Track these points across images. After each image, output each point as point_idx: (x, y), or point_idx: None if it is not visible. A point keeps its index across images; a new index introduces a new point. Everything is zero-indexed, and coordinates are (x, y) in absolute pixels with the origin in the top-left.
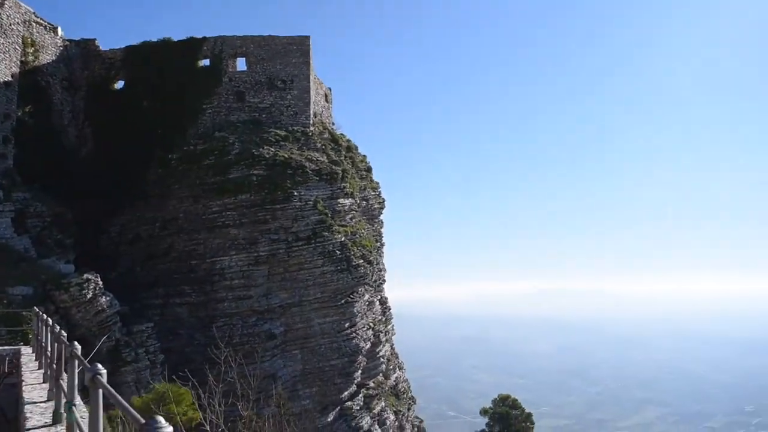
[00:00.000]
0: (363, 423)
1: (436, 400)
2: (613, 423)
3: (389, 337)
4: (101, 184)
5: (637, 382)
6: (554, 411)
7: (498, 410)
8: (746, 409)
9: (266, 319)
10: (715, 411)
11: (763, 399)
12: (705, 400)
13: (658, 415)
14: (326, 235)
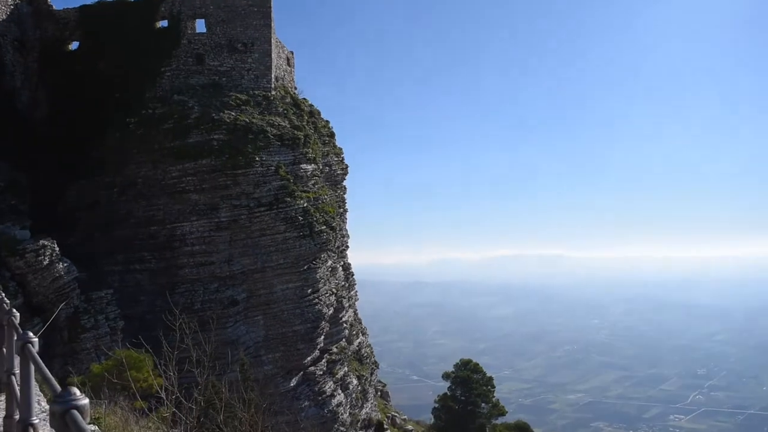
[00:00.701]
0: (326, 388)
1: (400, 364)
2: (571, 386)
3: (352, 302)
4: (57, 148)
5: (594, 346)
6: (515, 374)
7: (460, 374)
8: (699, 372)
9: (228, 285)
10: (669, 374)
11: (714, 362)
12: (660, 364)
13: (615, 379)
14: (288, 200)
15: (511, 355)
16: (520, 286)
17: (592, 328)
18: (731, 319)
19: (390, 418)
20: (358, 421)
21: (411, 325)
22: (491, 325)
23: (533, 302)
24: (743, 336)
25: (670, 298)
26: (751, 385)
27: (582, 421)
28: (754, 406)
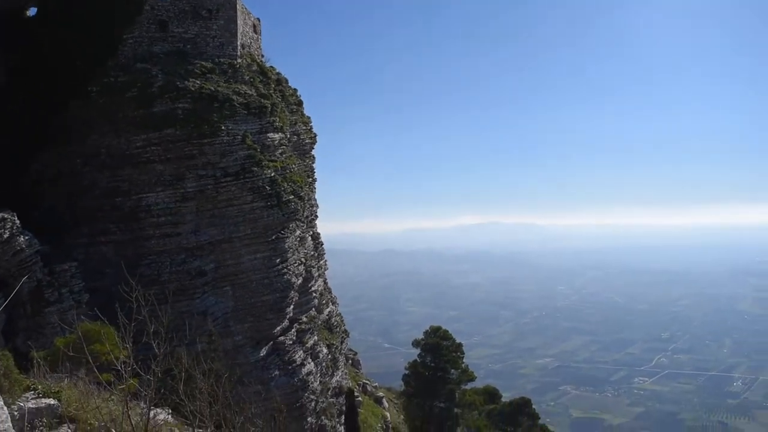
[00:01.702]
0: (296, 357)
1: (371, 332)
2: (540, 351)
3: (322, 272)
4: (17, 120)
5: (562, 312)
6: (484, 341)
7: (429, 341)
8: (662, 336)
9: (196, 256)
10: (634, 338)
11: (677, 326)
12: (625, 329)
13: (582, 343)
14: (255, 170)
15: (480, 321)
16: (490, 254)
17: (560, 294)
18: (694, 284)
19: (361, 385)
20: (329, 390)
21: (382, 294)
22: (461, 293)
23: (503, 270)
24: (705, 301)
25: (636, 265)
26: (713, 348)
27: (550, 385)
28: (715, 368)
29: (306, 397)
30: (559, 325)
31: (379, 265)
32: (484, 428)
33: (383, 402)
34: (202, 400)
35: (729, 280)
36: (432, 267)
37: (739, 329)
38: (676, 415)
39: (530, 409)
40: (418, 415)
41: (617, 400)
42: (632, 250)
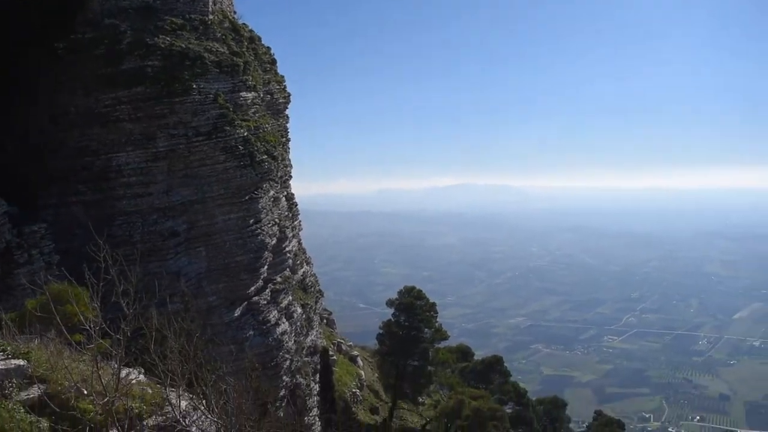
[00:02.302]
0: (270, 317)
1: (346, 293)
2: (512, 311)
3: (296, 232)
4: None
5: (535, 272)
6: (458, 301)
7: (403, 301)
8: (632, 296)
9: (168, 216)
10: (605, 298)
11: (646, 287)
12: (596, 289)
13: (554, 303)
14: (228, 129)
15: (454, 282)
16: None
17: (533, 255)
18: (663, 246)
19: (336, 344)
20: (303, 349)
21: (357, 255)
22: (436, 254)
23: (477, 231)
24: (673, 262)
25: (608, 227)
26: (680, 308)
27: (522, 344)
28: (682, 327)
29: (281, 357)
30: (531, 285)
31: (354, 226)
32: (456, 386)
33: (358, 361)
34: (174, 360)
35: (698, 242)
36: (407, 228)
37: (706, 290)
38: (644, 372)
39: (502, 367)
40: (392, 373)
41: (587, 358)
42: (604, 212)
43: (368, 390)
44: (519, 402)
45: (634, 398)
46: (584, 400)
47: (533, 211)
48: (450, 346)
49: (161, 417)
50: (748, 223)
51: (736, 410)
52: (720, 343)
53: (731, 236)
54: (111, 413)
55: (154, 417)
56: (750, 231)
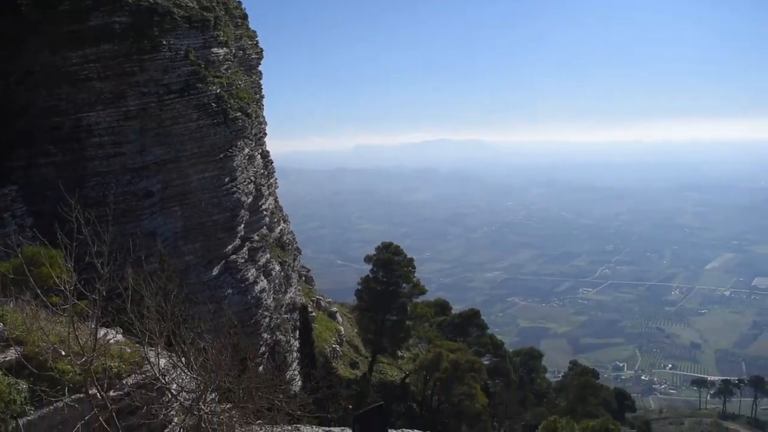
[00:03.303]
0: (248, 275)
1: (324, 250)
2: (489, 265)
3: (272, 190)
4: None
5: (511, 227)
6: (435, 256)
7: (381, 257)
8: (606, 249)
9: (142, 176)
10: (579, 251)
11: (620, 239)
12: (571, 242)
13: (530, 257)
14: (200, 87)
15: (431, 237)
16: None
17: (509, 210)
18: (635, 199)
19: (315, 301)
20: (283, 306)
21: (334, 212)
22: (412, 210)
23: (453, 187)
24: (646, 215)
25: (581, 182)
26: (653, 259)
27: (499, 297)
28: (654, 278)
29: (260, 314)
30: (507, 239)
31: (331, 183)
32: (435, 339)
33: (337, 317)
34: (151, 318)
35: (670, 195)
36: (383, 185)
37: (679, 242)
38: (618, 323)
39: (479, 320)
40: (371, 328)
41: (562, 310)
42: (577, 166)
43: (348, 345)
44: (496, 354)
45: (608, 348)
46: (560, 350)
47: (507, 166)
48: (428, 300)
49: (140, 375)
50: (720, 175)
51: (707, 358)
52: (692, 294)
53: (703, 188)
54: (90, 373)
55: (134, 376)
56: (721, 183)
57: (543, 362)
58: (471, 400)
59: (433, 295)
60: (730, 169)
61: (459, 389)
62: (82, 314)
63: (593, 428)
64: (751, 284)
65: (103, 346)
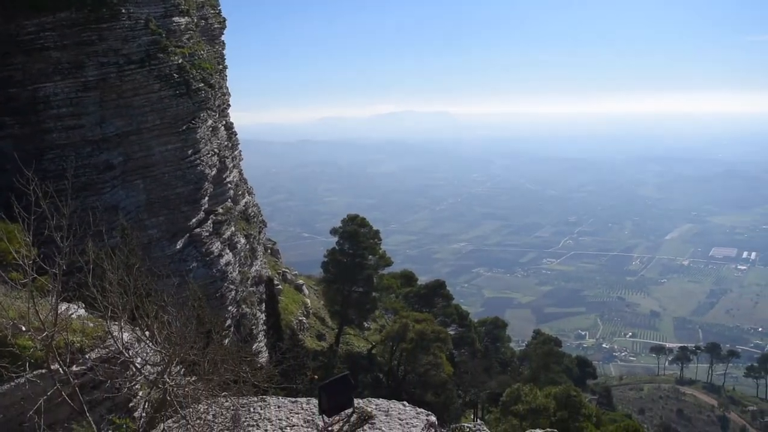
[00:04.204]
0: (213, 248)
1: (291, 223)
2: (454, 236)
3: (236, 162)
4: None
5: (476, 199)
6: (402, 228)
7: (347, 229)
8: (570, 220)
9: (102, 148)
10: (544, 222)
11: (583, 210)
12: (535, 213)
13: (495, 228)
14: (161, 57)
15: (398, 209)
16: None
17: (474, 182)
18: (599, 171)
19: (281, 274)
20: (248, 279)
21: (300, 184)
22: (378, 182)
23: (418, 159)
24: (609, 186)
25: (545, 153)
26: (615, 230)
27: (464, 268)
28: (616, 248)
29: (225, 287)
30: (473, 211)
31: (296, 155)
32: (401, 310)
33: (303, 289)
34: (114, 292)
35: (632, 166)
36: (348, 157)
37: (640, 213)
38: (580, 292)
39: (445, 291)
40: (338, 300)
41: (526, 280)
42: (541, 139)
43: (314, 317)
44: (461, 324)
45: (571, 317)
46: (524, 320)
47: (473, 138)
48: (394, 272)
49: (104, 350)
50: (682, 147)
51: (666, 325)
52: (652, 263)
53: (664, 160)
54: (51, 348)
55: (97, 350)
56: (683, 155)
57: (507, 332)
58: (437, 369)
59: (399, 266)
60: (692, 141)
61: (425, 359)
62: (42, 289)
63: (556, 395)
64: (709, 254)
65: (65, 321)
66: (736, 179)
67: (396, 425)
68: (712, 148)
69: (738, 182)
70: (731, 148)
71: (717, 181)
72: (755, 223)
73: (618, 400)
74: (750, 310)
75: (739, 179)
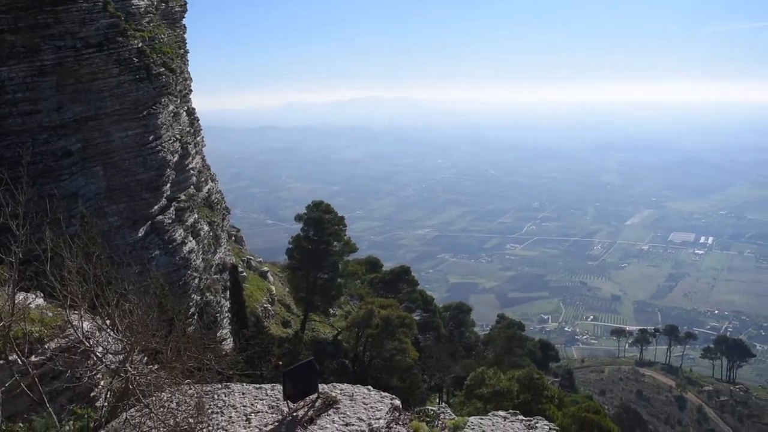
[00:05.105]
0: (176, 236)
1: (254, 209)
2: (419, 222)
3: (199, 149)
4: None
5: (441, 185)
6: (367, 214)
7: (312, 215)
8: (533, 206)
9: (60, 134)
10: (507, 208)
11: (546, 196)
12: (499, 199)
13: (459, 214)
14: (120, 40)
15: (362, 195)
16: (370, 129)
17: (439, 168)
18: (562, 158)
19: (245, 261)
20: (212, 266)
21: (264, 171)
22: (343, 168)
23: (383, 145)
24: (572, 173)
25: (509, 140)
26: (577, 216)
27: (429, 254)
28: (578, 234)
29: (189, 275)
30: (437, 197)
31: (260, 141)
32: (366, 296)
33: (268, 276)
34: (73, 281)
35: (594, 154)
36: (312, 143)
37: (602, 199)
38: (543, 277)
39: (410, 277)
40: (303, 286)
41: (490, 266)
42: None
43: (279, 304)
44: (426, 309)
45: (534, 302)
46: (488, 305)
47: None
48: (359, 258)
49: (63, 339)
50: (643, 134)
51: (626, 309)
52: (613, 248)
53: (626, 148)
54: (9, 338)
55: (56, 340)
56: (644, 143)
57: (471, 316)
58: (402, 354)
59: (364, 253)
60: (654, 129)
61: (390, 344)
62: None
63: (519, 378)
64: (668, 239)
65: (22, 311)
66: (695, 167)
67: (361, 409)
68: (672, 137)
69: (697, 169)
70: (691, 136)
71: (676, 168)
72: (713, 209)
73: (580, 382)
74: (707, 294)
75: (698, 167)
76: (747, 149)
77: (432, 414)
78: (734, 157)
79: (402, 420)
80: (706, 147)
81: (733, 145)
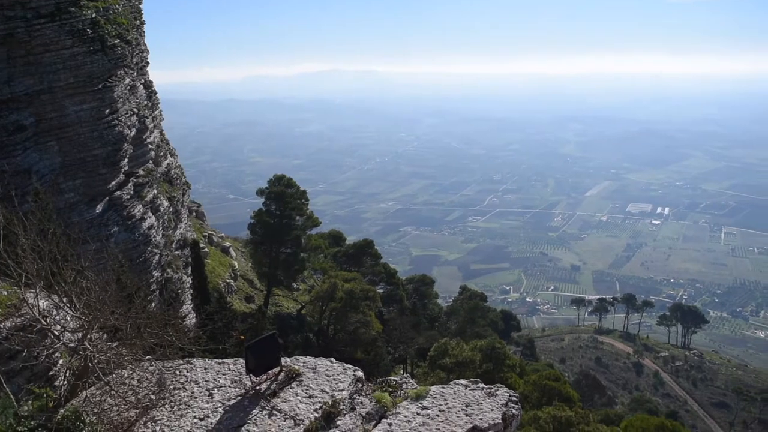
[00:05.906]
0: (135, 212)
1: (216, 184)
2: (382, 195)
3: (157, 123)
4: None
5: (403, 158)
6: (330, 188)
7: (274, 190)
8: (494, 178)
9: (12, 109)
10: (469, 180)
11: (507, 169)
12: (461, 172)
13: (422, 187)
14: (73, 10)
15: (325, 169)
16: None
17: (402, 141)
18: (523, 130)
19: (207, 236)
20: (173, 242)
21: (225, 145)
22: (305, 142)
23: (345, 118)
24: (533, 145)
25: (470, 113)
26: (538, 188)
27: (392, 227)
28: (539, 205)
29: (149, 252)
30: (400, 170)
31: (221, 115)
32: (329, 270)
33: (230, 251)
34: (27, 258)
35: (555, 126)
36: (274, 116)
37: (561, 170)
38: (505, 249)
39: (373, 250)
40: (266, 261)
41: (453, 238)
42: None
43: (242, 279)
44: (390, 282)
45: (496, 273)
46: (451, 276)
47: (400, 97)
48: (322, 232)
49: (19, 318)
50: (602, 106)
51: (585, 279)
52: (573, 219)
53: (586, 120)
54: None
55: (11, 319)
56: (603, 114)
57: (435, 288)
58: (366, 327)
59: (327, 227)
60: (613, 101)
61: (354, 317)
62: None
63: (481, 348)
64: (626, 210)
65: None
66: (653, 138)
67: (324, 381)
68: (631, 108)
69: (654, 141)
70: (649, 108)
71: (635, 139)
72: (669, 180)
73: (540, 351)
74: (663, 263)
75: (655, 138)
76: (699, 122)
77: (394, 384)
78: (687, 128)
79: (365, 391)
80: (664, 119)
81: (687, 117)
